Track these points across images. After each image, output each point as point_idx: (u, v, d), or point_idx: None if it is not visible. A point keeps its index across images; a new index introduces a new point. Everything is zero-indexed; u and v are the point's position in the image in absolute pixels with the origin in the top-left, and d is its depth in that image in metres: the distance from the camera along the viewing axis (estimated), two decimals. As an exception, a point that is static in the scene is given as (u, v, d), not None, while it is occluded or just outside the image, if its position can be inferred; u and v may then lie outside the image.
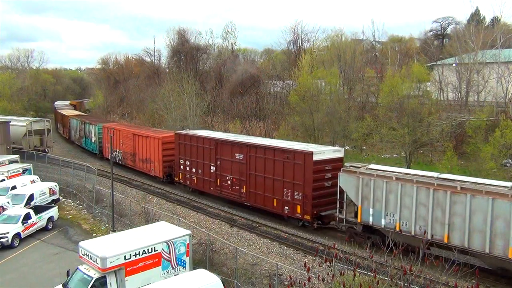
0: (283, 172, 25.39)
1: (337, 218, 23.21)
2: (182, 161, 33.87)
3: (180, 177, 34.42)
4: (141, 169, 39.93)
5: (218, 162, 30.44)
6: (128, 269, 16.29)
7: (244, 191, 28.43)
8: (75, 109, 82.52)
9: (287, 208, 25.48)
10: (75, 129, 56.96)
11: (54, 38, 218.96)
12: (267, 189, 26.70)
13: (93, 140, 49.85)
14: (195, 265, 19.00)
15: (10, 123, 45.61)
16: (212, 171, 31.08)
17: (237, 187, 29.10)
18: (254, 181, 27.56)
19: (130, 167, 42.02)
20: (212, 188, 31.27)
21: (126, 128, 44.53)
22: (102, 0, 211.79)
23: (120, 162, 43.17)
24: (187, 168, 33.46)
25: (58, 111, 73.46)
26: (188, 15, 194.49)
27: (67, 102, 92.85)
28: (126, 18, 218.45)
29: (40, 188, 30.38)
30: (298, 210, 24.88)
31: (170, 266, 17.65)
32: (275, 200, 26.24)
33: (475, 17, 56.17)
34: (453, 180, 18.61)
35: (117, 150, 43.56)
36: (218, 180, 30.67)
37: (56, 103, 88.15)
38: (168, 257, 17.56)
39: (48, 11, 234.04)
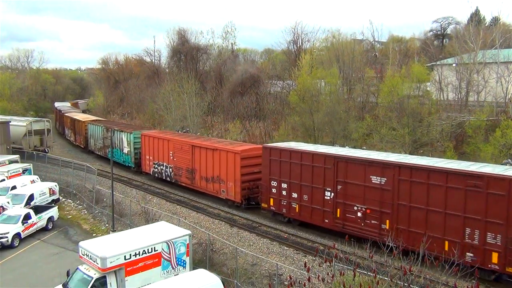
0: (465, 204, 18.61)
1: None
2: (274, 183, 26.57)
3: (271, 203, 26.95)
4: (203, 190, 32.53)
5: (339, 187, 23.41)
6: (128, 269, 16.30)
7: (387, 227, 21.40)
8: None
9: (471, 254, 18.54)
10: (95, 137, 49.00)
11: (53, 38, 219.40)
12: (432, 227, 19.61)
13: (125, 151, 42.22)
14: (195, 265, 19.00)
15: (10, 123, 45.61)
16: (327, 198, 23.94)
17: (374, 222, 22.08)
18: (407, 215, 20.61)
19: (185, 186, 34.55)
20: (326, 220, 24.09)
21: (179, 137, 36.15)
22: (101, 0, 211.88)
23: (167, 179, 36.32)
24: (283, 193, 26.15)
25: (66, 115, 63.58)
26: (188, 15, 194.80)
27: (68, 103, 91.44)
28: (125, 18, 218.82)
29: (40, 188, 30.40)
30: (494, 259, 18.16)
31: (170, 266, 17.65)
32: (447, 242, 19.15)
33: (475, 17, 56.08)
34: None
35: (164, 164, 36.50)
36: (338, 210, 23.54)
37: (57, 104, 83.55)
38: (168, 257, 17.57)
39: (46, 11, 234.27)
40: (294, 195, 25.55)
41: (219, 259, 21.85)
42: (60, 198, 32.70)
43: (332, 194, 23.69)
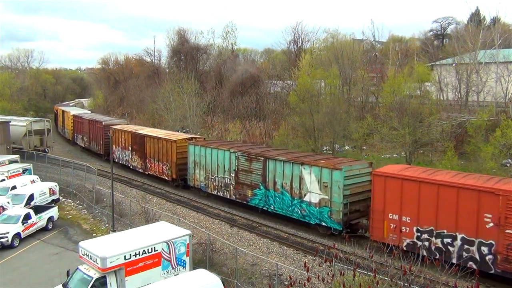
0: None
1: None
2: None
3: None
4: None
5: None
6: (128, 269, 16.30)
7: None
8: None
9: None
10: (208, 168, 30.94)
11: (53, 38, 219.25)
12: None
13: (312, 200, 24.13)
14: (195, 265, 19.00)
15: (10, 123, 45.60)
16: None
17: None
18: None
19: None
20: None
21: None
22: (100, 0, 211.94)
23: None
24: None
25: (118, 128, 43.51)
26: (187, 15, 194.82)
27: (73, 105, 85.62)
28: (125, 18, 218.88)
29: (40, 188, 30.39)
30: None
31: (170, 266, 17.65)
32: None
33: (475, 17, 56.09)
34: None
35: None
36: None
37: (73, 111, 60.27)
38: (168, 257, 17.57)
39: (45, 11, 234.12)
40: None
41: (219, 259, 21.84)
42: (60, 198, 32.69)
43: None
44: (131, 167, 41.26)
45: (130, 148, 40.92)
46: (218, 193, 30.69)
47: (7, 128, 44.59)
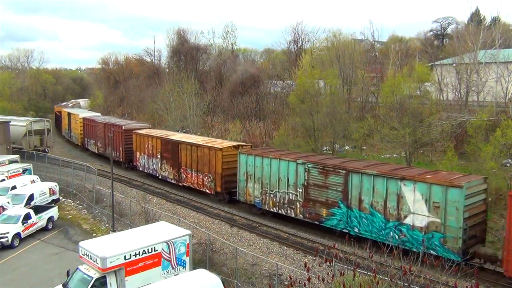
0: None
1: None
2: None
3: None
4: None
5: None
6: (128, 269, 16.31)
7: None
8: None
9: None
10: (265, 182, 27.26)
11: (52, 38, 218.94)
12: None
13: (416, 224, 20.45)
14: (195, 265, 19.01)
15: (10, 123, 45.61)
16: None
17: None
18: None
19: None
20: None
21: None
22: (100, 0, 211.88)
23: None
24: None
25: (135, 132, 40.50)
26: (187, 15, 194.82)
27: (71, 106, 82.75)
28: (124, 18, 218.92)
29: (40, 188, 30.41)
30: None
31: (170, 266, 17.66)
32: None
33: (475, 17, 56.09)
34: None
35: None
36: None
37: (81, 114, 56.14)
38: (168, 257, 17.57)
39: (44, 11, 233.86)
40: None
41: (219, 259, 21.85)
42: (60, 198, 32.70)
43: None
44: (160, 177, 37.08)
45: (159, 156, 36.73)
46: (279, 211, 26.52)
47: (7, 128, 44.60)
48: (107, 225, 27.48)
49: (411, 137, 32.49)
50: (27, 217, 25.26)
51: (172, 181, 35.68)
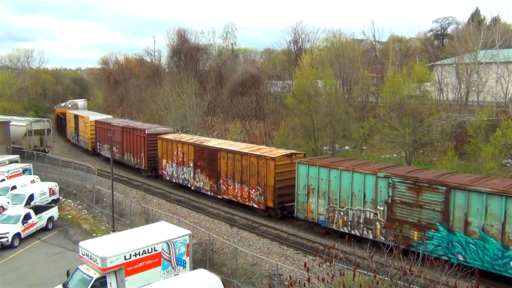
0: None
1: None
2: None
3: None
4: None
5: None
6: (128, 269, 16.31)
7: None
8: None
9: None
10: (333, 199, 23.81)
11: (51, 38, 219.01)
12: None
13: None
14: (195, 265, 19.01)
15: (10, 123, 45.61)
16: None
17: None
18: None
19: None
20: None
21: None
22: (99, 0, 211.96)
23: None
24: None
25: (160, 137, 37.01)
26: (187, 15, 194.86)
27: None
28: (123, 18, 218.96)
29: (40, 188, 30.40)
30: None
31: (170, 266, 17.65)
32: None
33: (476, 17, 56.11)
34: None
35: None
36: None
37: (92, 117, 51.78)
38: (168, 257, 17.56)
39: (44, 11, 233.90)
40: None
41: (219, 259, 21.85)
42: (60, 198, 32.69)
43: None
44: (193, 188, 33.40)
45: (191, 165, 32.89)
46: (351, 231, 22.66)
47: (7, 128, 44.59)
48: (107, 225, 27.48)
49: (411, 137, 32.51)
50: (27, 217, 25.26)
51: (208, 193, 31.96)
